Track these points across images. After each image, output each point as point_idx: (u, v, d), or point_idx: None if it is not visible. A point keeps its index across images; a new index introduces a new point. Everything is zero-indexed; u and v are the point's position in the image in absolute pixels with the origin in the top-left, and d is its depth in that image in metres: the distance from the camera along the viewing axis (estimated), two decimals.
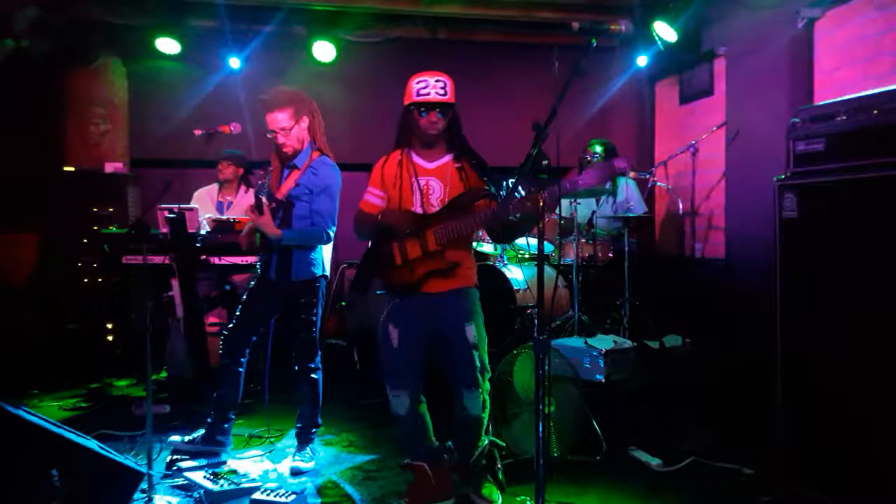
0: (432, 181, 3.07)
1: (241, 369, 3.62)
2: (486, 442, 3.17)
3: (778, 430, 2.96)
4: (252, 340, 3.65)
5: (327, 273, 3.72)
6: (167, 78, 6.35)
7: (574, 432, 3.62)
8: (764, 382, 3.06)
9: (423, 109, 2.98)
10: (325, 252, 3.70)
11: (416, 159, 3.10)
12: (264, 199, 3.45)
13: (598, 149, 5.43)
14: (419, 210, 3.05)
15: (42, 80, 5.87)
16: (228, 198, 5.09)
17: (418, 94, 2.97)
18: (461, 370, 3.00)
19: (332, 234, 3.57)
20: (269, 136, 3.49)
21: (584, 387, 3.75)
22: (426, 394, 3.19)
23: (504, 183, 2.98)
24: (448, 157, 3.09)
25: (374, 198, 3.20)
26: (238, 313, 3.61)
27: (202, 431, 3.65)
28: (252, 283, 3.68)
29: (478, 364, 3.00)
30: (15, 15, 5.46)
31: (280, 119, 3.46)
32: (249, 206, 3.47)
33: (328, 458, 3.75)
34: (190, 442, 3.63)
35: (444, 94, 2.98)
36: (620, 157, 2.70)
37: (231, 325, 3.61)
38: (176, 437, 3.68)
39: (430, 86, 2.97)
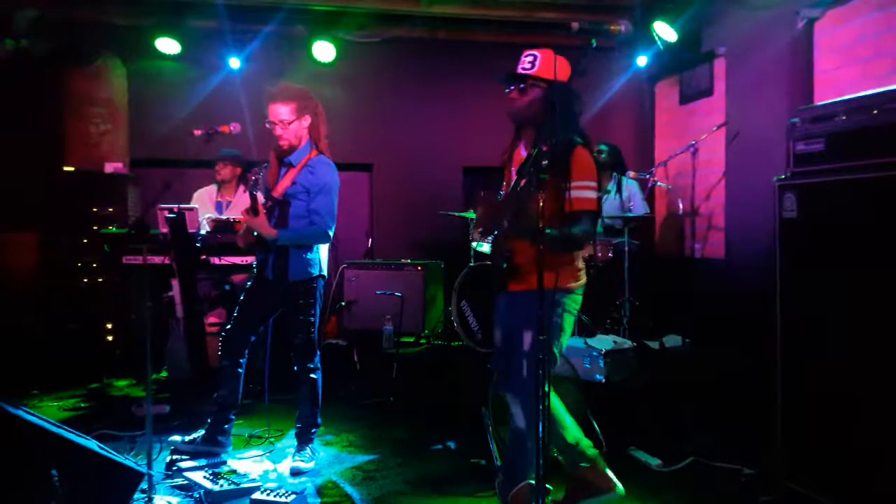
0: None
1: (240, 370, 3.62)
2: (525, 483, 2.76)
3: (778, 430, 2.96)
4: (251, 340, 3.65)
5: (325, 273, 3.70)
6: (167, 78, 6.35)
7: None
8: (764, 382, 3.06)
9: (506, 87, 2.73)
10: (322, 252, 3.68)
11: (521, 146, 2.88)
12: (259, 198, 3.44)
13: (604, 147, 5.50)
14: None
15: (42, 80, 5.86)
16: (227, 198, 5.09)
17: None
18: (511, 373, 2.78)
19: (331, 234, 3.55)
20: (267, 125, 3.49)
21: (584, 387, 3.75)
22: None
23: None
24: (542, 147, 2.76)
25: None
26: (235, 314, 3.61)
27: (202, 432, 3.65)
28: (248, 283, 3.68)
29: (525, 374, 2.69)
30: (15, 15, 5.46)
31: (282, 111, 3.46)
32: (245, 209, 3.46)
33: (328, 458, 3.75)
34: (190, 442, 3.63)
35: (529, 68, 2.70)
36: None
37: (229, 326, 3.61)
38: (176, 438, 3.68)
39: (520, 62, 2.74)
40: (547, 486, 2.58)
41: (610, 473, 2.89)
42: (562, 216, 2.62)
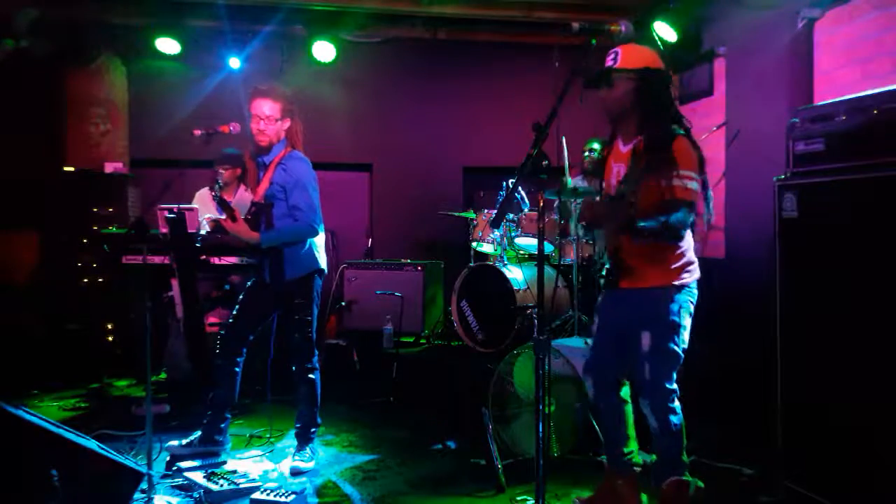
0: (622, 167, 2.75)
1: (237, 369, 3.63)
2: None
3: (778, 430, 2.97)
4: (249, 340, 3.65)
5: (323, 267, 3.69)
6: (167, 78, 6.35)
7: (574, 432, 3.62)
8: (764, 382, 3.06)
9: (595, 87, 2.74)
10: (319, 246, 3.66)
11: (618, 142, 2.86)
12: (233, 203, 3.44)
13: (597, 146, 5.41)
14: None
15: (42, 80, 5.87)
16: (228, 198, 5.09)
17: None
18: (637, 375, 2.79)
19: (317, 228, 3.51)
20: (246, 116, 3.51)
21: (584, 386, 3.74)
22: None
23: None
24: (639, 138, 2.73)
25: None
26: (234, 313, 3.61)
27: (199, 433, 3.65)
28: (248, 283, 3.67)
29: (648, 376, 2.71)
30: (15, 15, 5.46)
31: (267, 108, 3.48)
32: (224, 217, 3.44)
33: (328, 458, 3.75)
34: (187, 445, 3.62)
35: (613, 63, 2.72)
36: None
37: (227, 325, 3.62)
38: (174, 443, 3.66)
39: (606, 61, 2.75)
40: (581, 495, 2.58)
41: (643, 496, 2.94)
42: (659, 204, 2.59)
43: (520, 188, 4.98)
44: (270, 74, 6.14)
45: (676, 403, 2.77)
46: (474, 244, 5.40)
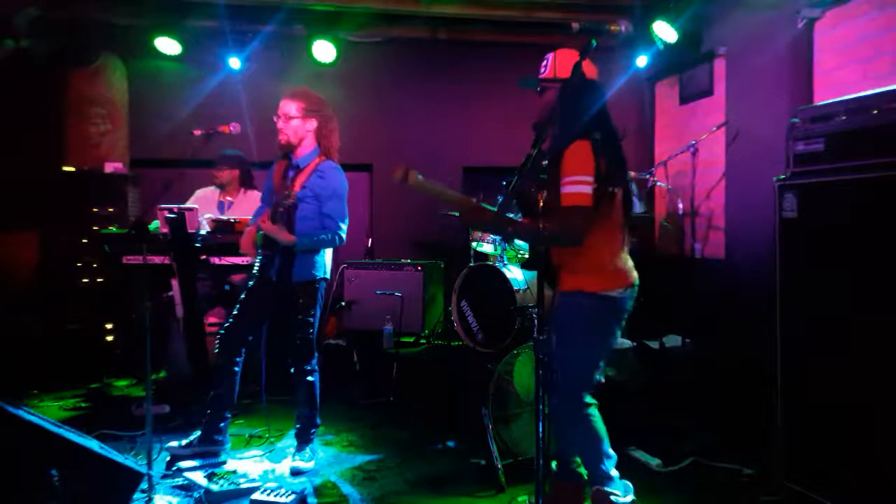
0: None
1: (237, 368, 3.63)
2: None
3: (778, 430, 2.97)
4: (249, 340, 3.65)
5: (328, 275, 3.73)
6: (167, 78, 6.35)
7: None
8: (764, 382, 3.07)
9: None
10: (327, 255, 3.71)
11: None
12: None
13: None
14: None
15: (42, 80, 5.86)
16: (229, 198, 5.08)
17: None
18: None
19: (343, 236, 3.60)
20: (274, 117, 3.59)
21: None
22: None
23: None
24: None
25: None
26: (235, 313, 3.61)
27: (198, 433, 3.65)
28: (250, 282, 3.68)
29: (554, 378, 2.64)
30: (15, 15, 5.46)
31: (288, 107, 3.55)
32: (263, 217, 3.47)
33: (328, 458, 3.75)
34: (187, 445, 3.62)
35: (543, 71, 2.73)
36: None
37: (227, 325, 3.61)
38: (173, 443, 3.66)
39: (540, 66, 2.76)
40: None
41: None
42: (554, 216, 2.55)
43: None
44: (270, 74, 6.14)
45: (583, 413, 2.70)
46: (474, 244, 5.40)
